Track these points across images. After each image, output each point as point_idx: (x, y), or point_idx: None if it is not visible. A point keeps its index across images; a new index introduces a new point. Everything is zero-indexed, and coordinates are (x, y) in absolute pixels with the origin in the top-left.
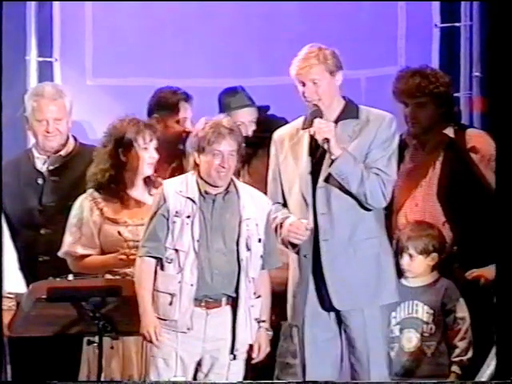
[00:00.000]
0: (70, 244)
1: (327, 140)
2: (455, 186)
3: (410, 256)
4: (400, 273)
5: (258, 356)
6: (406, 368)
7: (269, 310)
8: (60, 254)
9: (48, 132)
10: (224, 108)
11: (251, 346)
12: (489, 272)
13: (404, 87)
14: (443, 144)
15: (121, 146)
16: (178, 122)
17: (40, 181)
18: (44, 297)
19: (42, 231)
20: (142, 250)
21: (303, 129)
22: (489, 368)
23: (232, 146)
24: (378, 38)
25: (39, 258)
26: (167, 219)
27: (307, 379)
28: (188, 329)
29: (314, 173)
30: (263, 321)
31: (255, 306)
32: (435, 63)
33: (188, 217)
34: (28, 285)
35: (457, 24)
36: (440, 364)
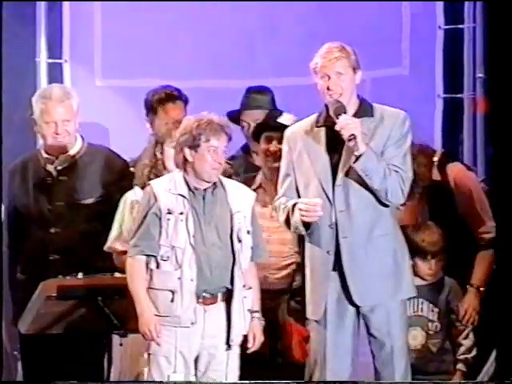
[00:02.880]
0: (112, 240)
1: (354, 136)
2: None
3: (430, 264)
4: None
5: (254, 346)
6: (412, 365)
7: (259, 301)
8: (105, 248)
9: (57, 134)
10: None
11: (245, 337)
12: None
13: None
14: (427, 187)
15: (157, 144)
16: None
17: (49, 181)
18: (54, 295)
19: (52, 230)
20: (135, 250)
21: (318, 126)
22: (489, 370)
23: (225, 142)
24: (382, 39)
25: (49, 257)
26: (159, 218)
27: (327, 374)
28: (192, 323)
29: (333, 170)
30: (256, 311)
31: (247, 297)
32: (439, 64)
33: (181, 213)
34: (38, 283)
35: (460, 26)
36: (445, 361)
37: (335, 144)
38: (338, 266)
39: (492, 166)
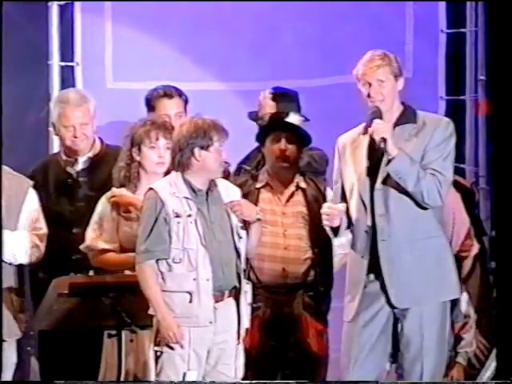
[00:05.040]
0: (92, 238)
1: (384, 140)
2: None
3: None
4: None
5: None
6: None
7: None
8: (82, 247)
9: (76, 137)
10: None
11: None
12: None
13: None
14: None
15: (133, 145)
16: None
17: (70, 182)
18: (66, 292)
19: (74, 230)
20: (148, 255)
21: (363, 134)
22: (488, 370)
23: (226, 140)
24: (386, 43)
25: (72, 256)
26: (168, 222)
27: (353, 373)
28: (210, 322)
29: (372, 175)
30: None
31: (248, 292)
32: (442, 67)
33: (189, 216)
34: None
35: (462, 30)
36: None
37: (376, 150)
38: (375, 268)
39: (493, 166)
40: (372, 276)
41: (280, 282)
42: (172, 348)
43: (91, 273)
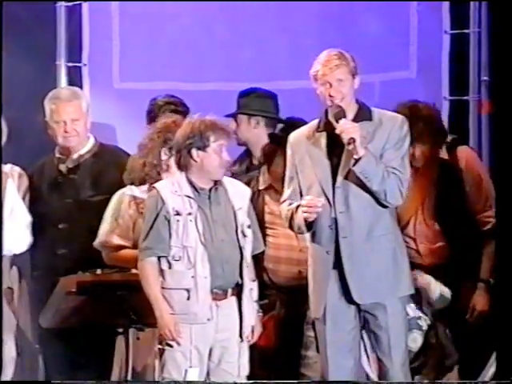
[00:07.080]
0: (106, 234)
1: (353, 140)
2: (449, 209)
3: None
4: None
5: (253, 338)
6: (416, 365)
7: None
8: (95, 244)
9: (66, 132)
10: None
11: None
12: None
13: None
14: (436, 166)
15: (165, 145)
16: None
17: (60, 179)
18: (74, 290)
19: (61, 226)
20: (148, 252)
21: (319, 131)
22: (491, 369)
23: (229, 141)
24: (391, 43)
25: (57, 252)
26: (168, 220)
27: (329, 373)
28: (208, 319)
29: (332, 173)
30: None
31: (254, 290)
32: (445, 68)
33: (189, 214)
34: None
35: (466, 31)
36: (444, 348)
37: (335, 148)
38: (338, 265)
39: (496, 166)
40: (335, 272)
41: (295, 284)
42: (171, 345)
43: (98, 271)
